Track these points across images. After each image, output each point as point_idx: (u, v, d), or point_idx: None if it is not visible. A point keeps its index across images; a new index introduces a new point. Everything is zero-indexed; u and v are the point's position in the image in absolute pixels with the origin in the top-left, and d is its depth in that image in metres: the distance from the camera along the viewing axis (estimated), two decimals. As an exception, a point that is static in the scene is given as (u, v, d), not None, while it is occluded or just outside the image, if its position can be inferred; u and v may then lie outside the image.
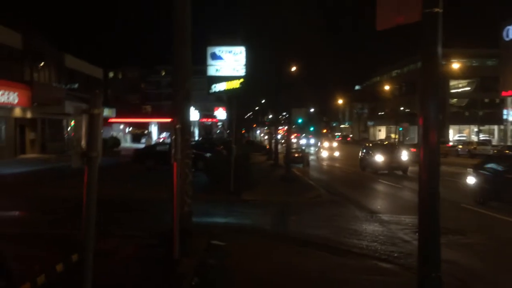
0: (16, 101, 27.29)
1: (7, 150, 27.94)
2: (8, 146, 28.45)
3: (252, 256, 7.37)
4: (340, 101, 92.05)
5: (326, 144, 43.50)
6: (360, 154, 27.39)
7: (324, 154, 40.23)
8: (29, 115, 30.81)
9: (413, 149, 28.19)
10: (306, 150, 37.05)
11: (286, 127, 35.80)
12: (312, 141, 64.45)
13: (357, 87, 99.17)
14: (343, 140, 79.45)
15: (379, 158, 23.82)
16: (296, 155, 29.66)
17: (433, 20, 4.50)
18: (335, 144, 44.63)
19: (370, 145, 31.40)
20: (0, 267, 3.22)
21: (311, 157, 37.92)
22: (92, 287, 3.69)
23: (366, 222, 11.18)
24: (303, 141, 59.81)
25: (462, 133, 63.00)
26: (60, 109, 32.39)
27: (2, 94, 25.97)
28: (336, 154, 39.94)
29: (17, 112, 29.30)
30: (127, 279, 5.74)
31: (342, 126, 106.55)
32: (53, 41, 36.50)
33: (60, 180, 18.19)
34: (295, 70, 25.56)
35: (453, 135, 62.76)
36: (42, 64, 31.80)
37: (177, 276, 5.74)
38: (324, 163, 34.85)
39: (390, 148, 26.74)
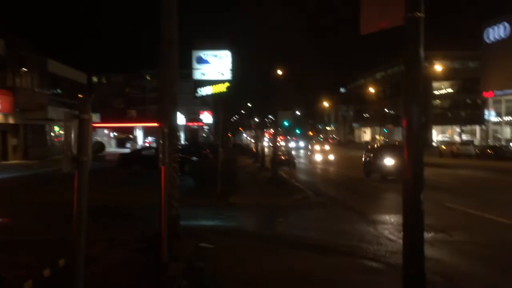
0: (-2, 107, 26.90)
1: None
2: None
3: (240, 258, 7.41)
4: (326, 104, 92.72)
5: (317, 147, 42.40)
6: (363, 158, 24.23)
7: (318, 157, 38.17)
8: (11, 121, 30.37)
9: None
10: (296, 154, 36.81)
11: (272, 130, 35.96)
12: (301, 143, 64.03)
13: (342, 90, 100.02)
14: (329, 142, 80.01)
15: (388, 161, 20.43)
16: (283, 157, 29.78)
17: (415, 24, 4.61)
18: (327, 147, 43.18)
19: (377, 146, 28.85)
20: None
21: (301, 161, 37.60)
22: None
23: (354, 223, 11.32)
24: (292, 144, 59.78)
25: (445, 133, 64.02)
26: (43, 114, 32.00)
27: (-16, 100, 25.57)
28: (331, 157, 37.65)
29: (0, 118, 28.87)
30: (115, 284, 5.73)
31: (327, 128, 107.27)
32: (36, 46, 36.13)
33: (44, 186, 17.98)
34: (280, 73, 25.70)
35: (436, 135, 63.71)
36: (24, 69, 31.40)
37: (165, 280, 5.74)
38: (319, 167, 33.11)
39: (400, 150, 22.27)
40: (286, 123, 48.08)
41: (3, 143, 30.11)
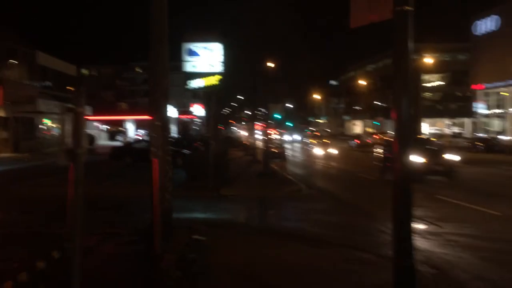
0: (-13, 99, 26.64)
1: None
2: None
3: (232, 249, 7.49)
4: (317, 96, 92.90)
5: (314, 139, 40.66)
6: (377, 154, 21.24)
7: (318, 151, 35.44)
8: (1, 113, 30.10)
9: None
10: (291, 147, 36.07)
11: (263, 123, 35.95)
12: (297, 137, 62.17)
13: (333, 82, 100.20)
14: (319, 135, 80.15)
15: (416, 159, 15.74)
16: (274, 150, 29.86)
17: (404, 17, 4.68)
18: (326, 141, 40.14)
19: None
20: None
21: (298, 155, 36.58)
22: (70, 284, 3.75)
23: (345, 215, 11.45)
24: (287, 137, 58.61)
25: (435, 126, 64.56)
26: (33, 107, 31.75)
27: (-28, 93, 25.31)
28: (334, 151, 34.70)
29: (-12, 110, 28.59)
30: (109, 275, 5.78)
31: (318, 121, 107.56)
32: (25, 38, 35.69)
33: (35, 179, 17.90)
34: (271, 66, 25.70)
35: (427, 128, 64.23)
36: (13, 61, 31.05)
37: (159, 271, 5.80)
38: (320, 163, 29.18)
39: (426, 144, 19.20)
40: (277, 116, 48.10)
41: (-8, 137, 29.87)
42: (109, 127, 67.10)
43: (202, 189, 14.76)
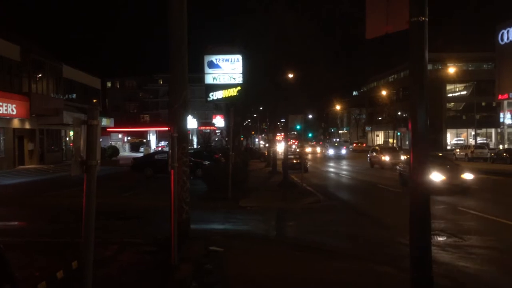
0: (14, 112, 27.46)
1: (6, 161, 28.03)
2: (7, 157, 28.55)
3: (249, 261, 7.47)
4: (338, 107, 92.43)
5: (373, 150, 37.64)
6: (399, 167, 21.39)
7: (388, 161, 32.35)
8: (27, 126, 30.95)
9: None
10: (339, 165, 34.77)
11: (283, 134, 35.88)
12: (343, 151, 53.58)
13: (354, 93, 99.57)
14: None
15: (436, 177, 16.19)
16: (294, 161, 29.77)
17: (420, 28, 4.66)
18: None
19: None
20: (4, 274, 3.33)
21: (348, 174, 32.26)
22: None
23: (365, 227, 11.30)
24: (331, 151, 53.79)
25: (459, 136, 63.29)
26: (59, 119, 32.54)
27: (1, 106, 26.12)
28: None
29: (16, 123, 29.43)
30: (126, 285, 5.84)
31: (340, 131, 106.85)
32: (51, 52, 36.75)
33: (59, 189, 18.28)
34: (291, 77, 25.70)
35: (451, 139, 63.02)
36: (40, 75, 31.97)
37: (175, 282, 5.84)
38: (341, 175, 29.32)
39: (445, 162, 19.50)
40: (298, 127, 47.93)
41: (20, 148, 30.69)
42: (132, 139, 68.13)
43: (221, 200, 14.82)
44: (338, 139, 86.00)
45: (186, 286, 5.75)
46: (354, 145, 72.99)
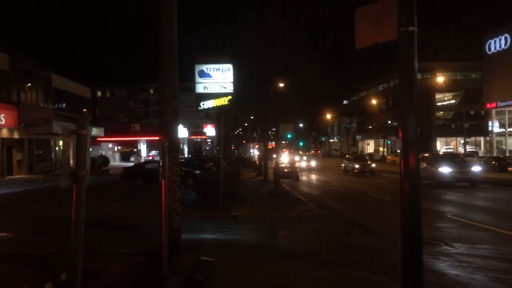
0: (3, 122, 27.18)
1: (-6, 171, 27.69)
2: (-5, 167, 28.20)
3: (241, 271, 7.42)
4: (328, 116, 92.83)
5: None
6: (343, 164, 26.82)
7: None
8: (16, 135, 30.64)
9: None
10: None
11: (274, 143, 35.86)
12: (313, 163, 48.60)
13: (345, 102, 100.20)
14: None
15: (447, 169, 22.78)
16: (286, 170, 29.79)
17: (408, 38, 4.72)
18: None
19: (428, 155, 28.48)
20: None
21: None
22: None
23: (356, 235, 11.31)
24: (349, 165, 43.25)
25: (449, 145, 63.83)
26: (48, 129, 32.28)
27: (-11, 115, 25.86)
28: None
29: (4, 133, 29.13)
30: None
31: (331, 140, 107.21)
32: (40, 61, 36.54)
33: (48, 200, 18.06)
34: (282, 86, 25.80)
35: (441, 147, 63.53)
36: (29, 84, 31.75)
37: (166, 293, 5.78)
38: (332, 184, 28.39)
39: (455, 157, 26.67)
40: (289, 136, 47.95)
41: (8, 158, 30.33)
42: (122, 148, 67.76)
43: (212, 210, 14.76)
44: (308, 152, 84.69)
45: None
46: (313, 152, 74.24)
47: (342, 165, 40.01)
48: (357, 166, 36.50)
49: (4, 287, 4.92)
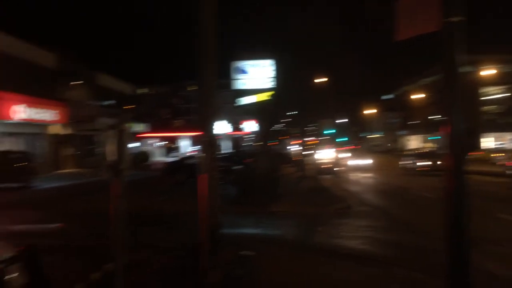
0: (53, 118, 28.48)
1: (45, 165, 29.00)
2: (46, 162, 29.54)
3: (280, 266, 7.42)
4: (370, 111, 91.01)
5: None
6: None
7: None
8: (64, 131, 31.97)
9: None
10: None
11: (314, 139, 35.66)
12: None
13: (387, 97, 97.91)
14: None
15: None
16: (326, 166, 29.52)
17: (453, 29, 4.52)
18: None
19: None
20: (39, 277, 3.43)
21: None
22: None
23: (399, 233, 11.05)
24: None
25: (498, 140, 61.06)
26: (94, 125, 33.47)
27: (40, 112, 27.13)
28: None
29: (54, 129, 30.47)
30: (157, 288, 5.91)
31: (372, 136, 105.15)
32: (87, 60, 37.89)
33: (94, 193, 18.71)
34: (322, 81, 25.56)
35: (491, 143, 60.91)
36: (76, 82, 33.01)
37: (206, 286, 5.86)
38: (373, 180, 27.52)
39: None
40: (329, 131, 47.45)
41: (57, 153, 31.73)
42: (164, 144, 69.22)
43: (251, 205, 14.81)
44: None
45: (216, 291, 5.76)
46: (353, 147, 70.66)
47: (401, 162, 34.91)
48: (425, 163, 30.60)
49: (51, 278, 5.13)
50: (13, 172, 20.86)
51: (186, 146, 65.85)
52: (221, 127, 57.19)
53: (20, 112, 25.17)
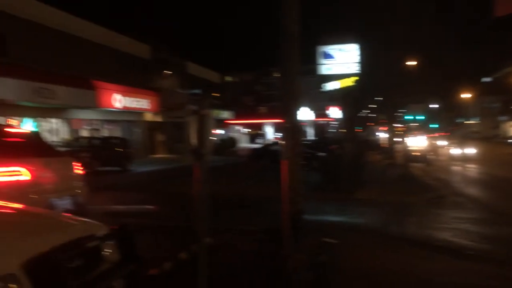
0: (147, 106, 30.36)
1: (140, 151, 31.11)
2: (141, 148, 31.67)
3: (365, 255, 7.25)
4: (466, 95, 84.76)
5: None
6: None
7: None
8: (157, 119, 33.93)
9: None
10: None
11: (404, 125, 34.07)
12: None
13: (485, 79, 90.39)
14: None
15: None
16: (416, 153, 28.16)
17: None
18: None
19: None
20: (131, 253, 3.67)
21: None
22: (209, 275, 4.02)
23: (498, 226, 10.24)
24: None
25: None
26: (183, 112, 35.07)
27: (135, 101, 29.04)
28: None
29: (148, 116, 32.47)
30: (240, 270, 6.07)
31: (468, 122, 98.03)
32: (177, 50, 39.63)
33: (185, 177, 19.67)
34: (412, 65, 24.27)
35: None
36: (167, 71, 34.75)
37: (288, 270, 5.90)
38: (471, 169, 25.84)
39: None
40: (419, 117, 45.14)
41: (151, 139, 33.85)
42: (249, 130, 70.63)
43: (336, 192, 14.61)
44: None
45: (299, 276, 5.77)
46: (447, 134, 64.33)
47: None
48: None
49: (142, 255, 5.50)
50: (113, 157, 22.61)
51: (270, 132, 66.59)
52: (305, 113, 56.86)
53: (119, 100, 27.14)
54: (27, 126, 21.80)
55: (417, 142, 37.20)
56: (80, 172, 7.68)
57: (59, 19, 25.05)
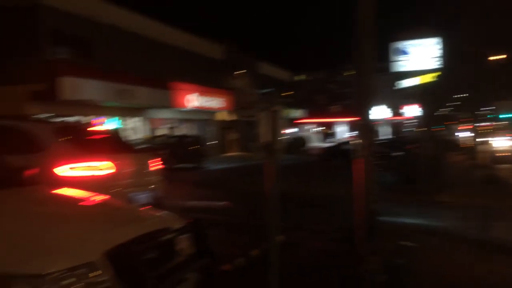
0: (219, 106, 31.15)
1: (213, 149, 32.01)
2: (214, 146, 32.58)
3: (444, 260, 6.85)
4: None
5: None
6: None
7: None
8: (230, 117, 34.66)
9: None
10: None
11: (491, 123, 31.91)
12: None
13: None
14: None
15: None
16: (503, 154, 26.17)
17: None
18: None
19: None
20: (205, 248, 3.74)
21: None
22: (280, 273, 4.00)
23: None
24: None
25: None
26: (255, 111, 35.52)
27: (209, 100, 29.92)
28: None
29: (220, 115, 33.30)
30: (312, 269, 5.99)
31: None
32: (249, 51, 40.24)
33: (258, 175, 19.87)
34: (500, 57, 22.59)
35: None
36: (240, 71, 35.39)
37: (364, 272, 5.73)
38: None
39: None
40: (507, 115, 41.87)
41: (224, 138, 34.67)
42: (321, 129, 69.94)
43: (414, 193, 13.98)
44: None
45: (374, 278, 5.59)
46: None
47: None
48: None
49: (216, 250, 5.62)
50: (188, 154, 23.46)
51: (342, 131, 65.43)
52: (380, 112, 55.19)
53: (193, 100, 28.09)
54: (111, 125, 23.26)
55: (505, 142, 34.51)
56: (159, 167, 8.01)
57: (138, 23, 26.44)
